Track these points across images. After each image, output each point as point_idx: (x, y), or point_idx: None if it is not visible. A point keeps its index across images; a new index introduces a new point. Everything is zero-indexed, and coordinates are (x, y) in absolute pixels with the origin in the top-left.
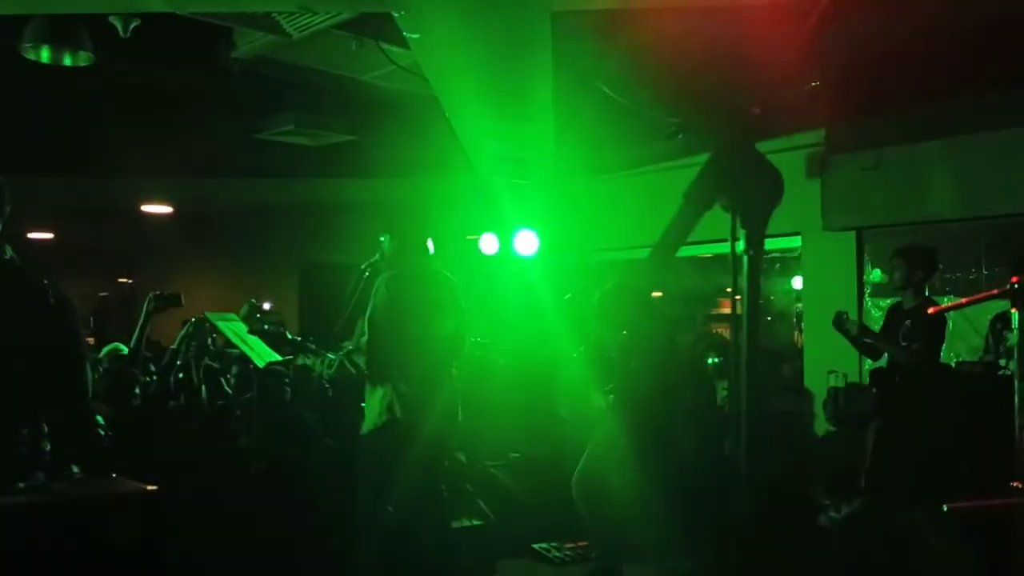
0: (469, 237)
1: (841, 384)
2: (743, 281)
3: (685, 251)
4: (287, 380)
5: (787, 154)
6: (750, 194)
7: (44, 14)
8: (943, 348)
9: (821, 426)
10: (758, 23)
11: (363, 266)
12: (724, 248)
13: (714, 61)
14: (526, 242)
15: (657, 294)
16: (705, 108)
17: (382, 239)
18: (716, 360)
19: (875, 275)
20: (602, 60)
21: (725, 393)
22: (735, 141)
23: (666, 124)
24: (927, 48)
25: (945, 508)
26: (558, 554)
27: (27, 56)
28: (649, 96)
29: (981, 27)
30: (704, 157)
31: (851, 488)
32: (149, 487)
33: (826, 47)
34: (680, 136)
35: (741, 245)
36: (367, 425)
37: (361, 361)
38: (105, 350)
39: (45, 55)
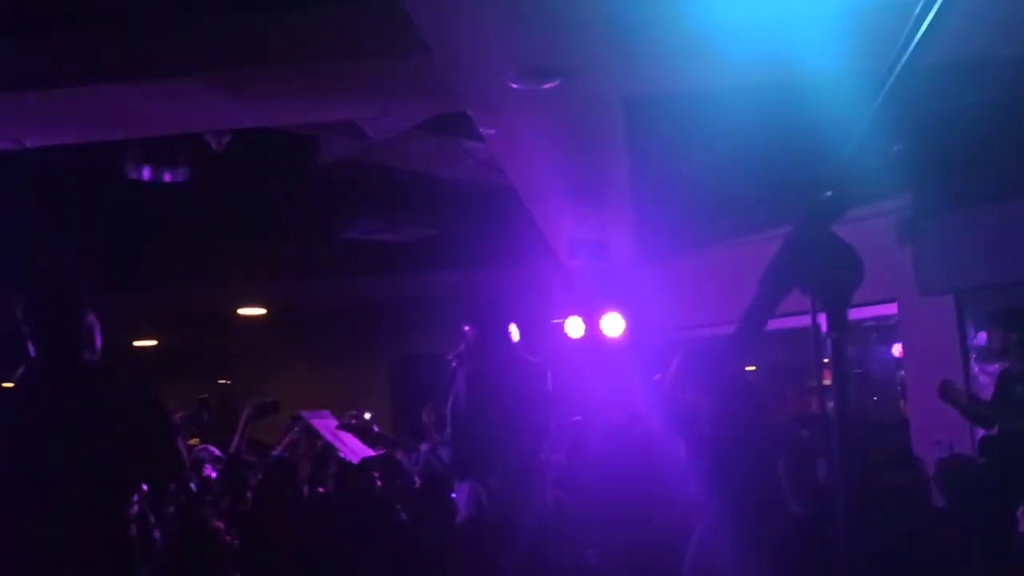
0: (555, 321)
1: (946, 454)
2: (831, 363)
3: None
4: (376, 474)
5: (875, 220)
6: (827, 278)
7: (144, 137)
8: None
9: (936, 500)
10: (827, 96)
11: (449, 357)
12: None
13: (783, 143)
14: (612, 323)
15: (750, 368)
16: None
17: (465, 329)
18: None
19: (980, 339)
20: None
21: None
22: (808, 226)
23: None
24: (1012, 104)
25: None
26: None
27: (129, 176)
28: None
29: None
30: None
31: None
32: None
33: (905, 111)
34: (761, 207)
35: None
36: (459, 518)
37: (445, 455)
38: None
39: (146, 174)
